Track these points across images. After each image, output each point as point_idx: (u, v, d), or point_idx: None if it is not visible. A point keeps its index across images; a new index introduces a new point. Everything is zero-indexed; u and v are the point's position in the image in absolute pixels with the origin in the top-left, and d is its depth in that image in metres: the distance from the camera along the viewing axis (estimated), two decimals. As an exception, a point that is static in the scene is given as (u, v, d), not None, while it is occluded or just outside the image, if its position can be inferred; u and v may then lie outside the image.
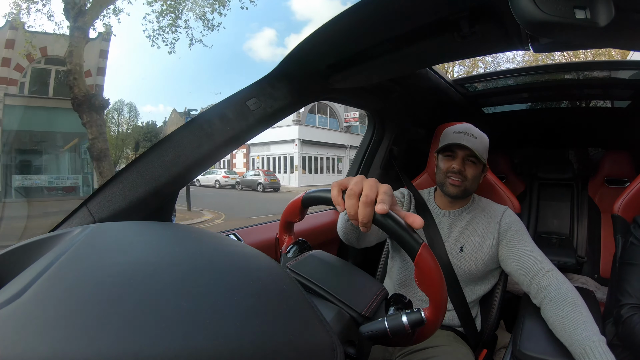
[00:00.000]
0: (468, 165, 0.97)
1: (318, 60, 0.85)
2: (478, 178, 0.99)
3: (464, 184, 0.97)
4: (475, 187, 1.00)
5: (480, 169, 0.99)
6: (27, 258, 0.31)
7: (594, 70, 1.49)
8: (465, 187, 0.97)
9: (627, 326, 0.83)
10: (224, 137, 0.81)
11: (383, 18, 0.66)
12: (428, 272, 0.48)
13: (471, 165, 0.97)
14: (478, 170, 0.98)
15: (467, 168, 0.97)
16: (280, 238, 0.67)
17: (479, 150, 0.96)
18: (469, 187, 0.98)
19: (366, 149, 1.57)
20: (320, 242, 1.35)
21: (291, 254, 0.62)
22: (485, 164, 1.00)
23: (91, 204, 0.70)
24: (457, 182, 0.97)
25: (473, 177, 0.97)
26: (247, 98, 0.85)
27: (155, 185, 0.73)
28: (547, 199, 2.41)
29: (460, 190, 0.97)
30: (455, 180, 0.97)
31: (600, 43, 0.61)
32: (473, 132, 0.99)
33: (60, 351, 0.20)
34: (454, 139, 0.97)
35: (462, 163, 0.97)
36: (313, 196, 0.60)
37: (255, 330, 0.25)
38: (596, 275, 1.92)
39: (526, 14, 0.44)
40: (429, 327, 0.49)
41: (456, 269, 0.97)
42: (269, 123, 0.89)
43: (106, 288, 0.25)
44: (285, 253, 0.62)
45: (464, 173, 0.97)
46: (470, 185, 0.98)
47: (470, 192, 1.00)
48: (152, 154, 0.76)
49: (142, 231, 0.34)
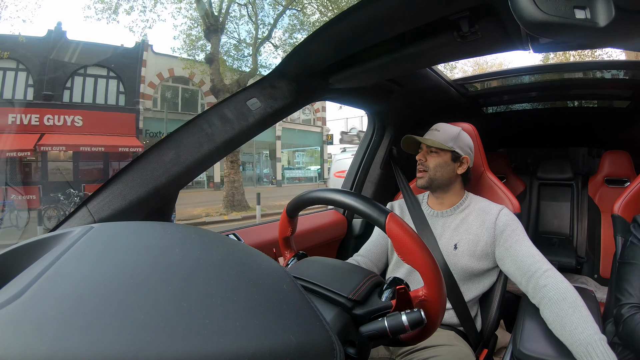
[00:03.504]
0: (430, 155, 1.04)
1: (318, 60, 0.85)
2: (442, 166, 1.03)
3: (428, 174, 1.04)
4: (441, 176, 1.03)
5: (444, 158, 1.03)
6: (27, 258, 0.31)
7: (594, 70, 1.49)
8: (429, 177, 1.03)
9: (628, 326, 0.83)
10: (224, 137, 0.81)
11: (383, 18, 0.66)
12: (402, 240, 0.48)
13: (432, 155, 1.04)
14: (441, 158, 1.03)
15: (428, 158, 1.04)
16: (283, 254, 0.69)
17: (440, 139, 1.03)
18: (433, 175, 1.03)
19: (366, 148, 1.57)
20: (320, 242, 1.35)
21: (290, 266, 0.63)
22: (453, 151, 1.03)
23: (91, 204, 0.70)
24: (421, 173, 1.05)
25: (435, 166, 1.03)
26: (247, 98, 0.85)
27: (155, 185, 0.73)
28: (547, 198, 2.41)
29: (425, 180, 1.04)
30: (420, 172, 1.05)
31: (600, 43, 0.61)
32: (438, 127, 1.06)
33: (60, 351, 0.20)
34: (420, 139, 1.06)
35: (424, 155, 1.05)
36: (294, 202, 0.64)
37: (255, 330, 0.25)
38: (596, 275, 1.92)
39: (526, 14, 0.44)
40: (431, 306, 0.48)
41: (451, 266, 0.97)
42: (269, 123, 0.89)
43: (106, 288, 0.25)
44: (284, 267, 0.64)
45: (425, 163, 1.04)
46: (434, 174, 1.03)
47: (438, 181, 1.04)
48: (152, 154, 0.75)
49: (142, 231, 0.34)
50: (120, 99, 11.50)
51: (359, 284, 0.50)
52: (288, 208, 0.67)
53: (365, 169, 1.57)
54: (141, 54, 11.78)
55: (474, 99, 1.77)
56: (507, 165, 2.37)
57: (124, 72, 11.60)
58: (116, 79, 11.54)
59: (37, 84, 10.28)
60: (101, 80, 11.32)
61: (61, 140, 10.08)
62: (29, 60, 10.11)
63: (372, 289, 0.51)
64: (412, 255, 0.48)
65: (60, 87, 10.63)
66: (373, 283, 0.51)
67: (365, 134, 1.63)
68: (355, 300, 0.48)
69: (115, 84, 11.54)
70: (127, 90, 11.56)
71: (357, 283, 0.50)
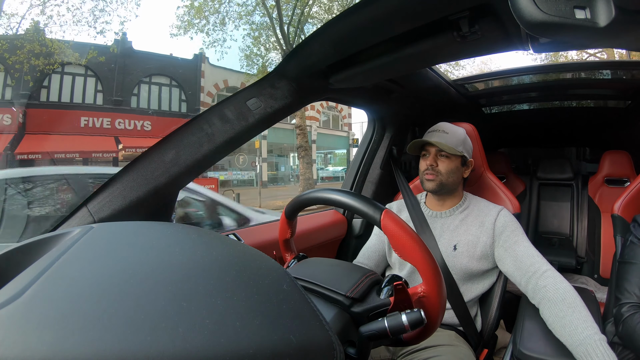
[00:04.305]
0: (440, 160, 1.00)
1: (318, 60, 0.85)
2: (454, 172, 1.01)
3: (439, 178, 1.00)
4: (453, 181, 1.02)
5: (456, 163, 1.01)
6: (27, 258, 0.31)
7: (593, 70, 1.49)
8: (440, 181, 1.00)
9: (628, 325, 0.83)
10: (224, 137, 0.80)
11: (383, 18, 0.66)
12: (398, 236, 0.48)
13: (444, 160, 1.00)
14: (453, 164, 1.00)
15: (439, 163, 1.00)
16: (284, 256, 0.70)
17: (451, 143, 0.99)
18: (445, 180, 1.00)
19: (366, 148, 1.57)
20: (320, 242, 1.35)
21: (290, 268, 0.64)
22: (463, 156, 1.02)
23: (91, 204, 0.70)
24: (431, 176, 1.00)
25: (447, 171, 1.00)
26: (247, 98, 0.85)
27: (155, 185, 0.73)
28: (547, 199, 2.41)
29: (435, 184, 1.00)
30: (429, 175, 1.01)
31: (600, 43, 0.61)
32: (444, 128, 1.02)
33: (60, 351, 0.20)
34: (425, 137, 1.02)
35: (435, 159, 1.01)
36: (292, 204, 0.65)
37: (255, 330, 0.25)
38: (596, 275, 1.92)
39: (526, 14, 0.43)
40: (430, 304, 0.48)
41: (451, 267, 0.97)
42: (269, 123, 0.88)
43: (106, 288, 0.25)
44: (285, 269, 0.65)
45: (437, 168, 1.00)
46: (446, 179, 1.00)
47: (448, 186, 1.02)
48: (152, 154, 0.75)
49: (141, 231, 0.34)
50: (183, 106, 12.82)
51: (357, 282, 0.50)
52: (286, 210, 0.67)
53: (365, 169, 1.57)
54: (199, 65, 13.16)
55: (474, 99, 1.77)
56: (507, 165, 2.37)
57: (185, 81, 12.87)
58: (178, 88, 12.82)
59: (106, 89, 11.44)
60: (165, 88, 12.65)
61: (137, 143, 11.00)
62: (98, 67, 10.99)
63: (371, 286, 0.51)
64: (409, 251, 0.48)
65: (129, 93, 11.84)
66: (372, 281, 0.51)
67: (365, 133, 1.63)
68: (353, 298, 0.48)
69: (177, 92, 12.84)
70: (188, 98, 12.86)
71: (355, 281, 0.50)
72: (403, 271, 1.03)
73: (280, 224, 0.69)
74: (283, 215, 0.68)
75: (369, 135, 1.59)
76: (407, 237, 0.48)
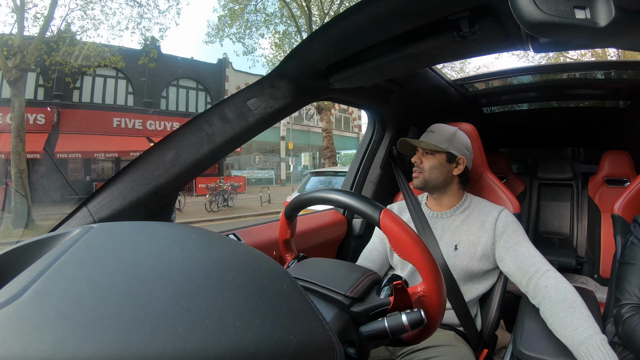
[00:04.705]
0: (425, 157, 1.05)
1: (318, 60, 0.85)
2: (437, 168, 1.03)
3: (422, 175, 1.04)
4: (437, 177, 1.03)
5: (439, 159, 1.03)
6: (27, 258, 0.31)
7: (593, 70, 1.49)
8: (423, 177, 1.04)
9: (627, 326, 0.82)
10: (224, 137, 0.80)
11: (383, 18, 0.66)
12: (397, 235, 0.48)
13: (428, 157, 1.04)
14: (435, 160, 1.03)
15: (423, 160, 1.05)
16: (284, 256, 0.70)
17: (434, 141, 1.03)
18: (427, 177, 1.03)
19: (366, 148, 1.57)
20: (320, 242, 1.35)
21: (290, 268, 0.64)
22: (448, 152, 1.03)
23: (91, 204, 0.70)
24: (415, 173, 1.05)
25: (429, 168, 1.03)
26: (247, 98, 0.85)
27: (155, 185, 0.73)
28: (547, 199, 2.41)
29: (419, 180, 1.04)
30: (415, 172, 1.06)
31: (600, 43, 0.61)
32: (433, 128, 1.07)
33: (60, 351, 0.20)
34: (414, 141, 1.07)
35: (420, 157, 1.06)
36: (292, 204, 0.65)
37: (255, 330, 0.25)
38: (596, 275, 1.92)
39: (526, 14, 0.43)
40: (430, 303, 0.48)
41: (451, 267, 0.97)
42: (269, 123, 0.89)
43: (106, 288, 0.25)
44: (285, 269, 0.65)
45: (421, 165, 1.04)
46: (429, 176, 1.03)
47: (433, 182, 1.04)
48: (152, 154, 0.75)
49: (142, 231, 0.34)
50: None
51: (356, 282, 0.50)
52: (286, 211, 0.67)
53: (365, 169, 1.57)
54: (224, 69, 14.15)
55: (474, 99, 1.77)
56: (507, 165, 2.37)
57: (210, 85, 13.76)
58: (203, 91, 13.72)
59: (137, 91, 12.18)
60: (192, 91, 13.46)
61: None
62: (128, 70, 11.41)
63: (371, 286, 0.51)
64: (408, 251, 0.48)
65: (158, 95, 12.58)
66: (371, 280, 0.51)
67: (365, 134, 1.63)
68: (353, 297, 0.48)
69: (203, 95, 13.71)
70: (213, 100, 13.59)
71: (355, 280, 0.50)
72: (405, 272, 1.03)
73: (280, 224, 0.69)
74: (283, 215, 0.68)
75: (369, 135, 1.59)
76: (406, 236, 0.48)
